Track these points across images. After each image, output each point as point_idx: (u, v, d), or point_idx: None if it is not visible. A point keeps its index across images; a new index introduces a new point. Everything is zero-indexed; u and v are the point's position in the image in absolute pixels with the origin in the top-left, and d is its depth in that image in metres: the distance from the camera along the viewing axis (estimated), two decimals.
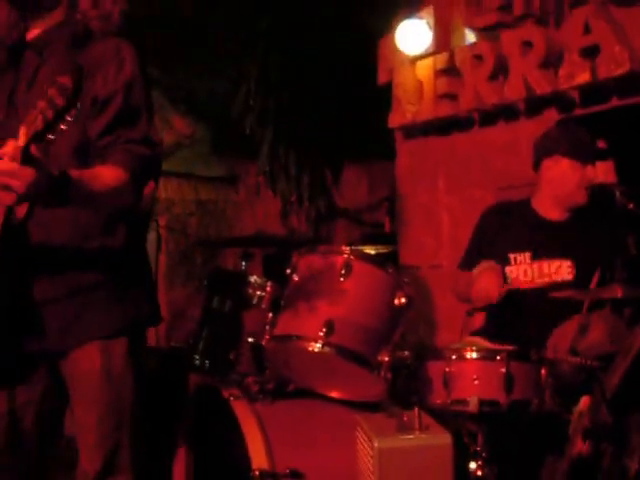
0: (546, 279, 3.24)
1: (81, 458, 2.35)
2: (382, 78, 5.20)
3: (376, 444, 2.00)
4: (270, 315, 2.77)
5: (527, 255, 3.28)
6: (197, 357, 3.16)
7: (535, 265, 3.27)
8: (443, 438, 2.11)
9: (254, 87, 6.20)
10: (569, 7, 3.97)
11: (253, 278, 3.08)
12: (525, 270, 3.28)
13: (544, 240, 3.30)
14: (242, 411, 2.76)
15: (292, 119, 6.29)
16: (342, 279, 2.61)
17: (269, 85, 6.22)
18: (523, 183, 4.07)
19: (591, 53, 3.79)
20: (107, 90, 2.22)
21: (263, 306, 2.99)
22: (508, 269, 3.29)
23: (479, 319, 3.60)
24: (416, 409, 2.14)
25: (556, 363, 2.73)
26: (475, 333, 3.40)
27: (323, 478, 2.66)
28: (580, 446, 2.52)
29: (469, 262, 3.41)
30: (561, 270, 3.24)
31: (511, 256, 3.30)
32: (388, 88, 5.11)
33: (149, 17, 5.54)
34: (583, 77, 3.80)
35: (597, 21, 3.73)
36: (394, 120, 5.05)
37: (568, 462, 2.52)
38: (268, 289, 3.02)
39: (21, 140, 1.88)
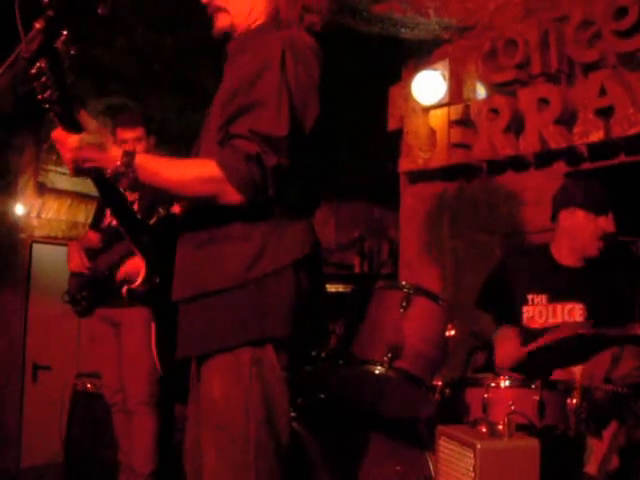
0: (559, 320, 3.46)
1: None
2: (392, 125, 5.43)
3: (479, 446, 2.27)
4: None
5: (544, 297, 3.50)
6: None
7: (550, 307, 3.49)
8: (531, 442, 2.40)
9: None
10: (581, 69, 4.28)
11: None
12: (540, 311, 3.49)
13: (560, 284, 3.51)
14: (307, 440, 3.02)
15: None
16: (402, 311, 2.87)
17: None
18: (530, 230, 4.34)
19: (604, 113, 4.08)
20: (238, 81, 2.10)
21: None
22: (525, 308, 3.51)
23: (482, 357, 3.84)
24: (506, 419, 2.39)
25: (592, 390, 2.98)
26: (479, 370, 3.64)
27: None
28: (616, 462, 2.79)
29: (485, 302, 3.65)
30: (573, 312, 3.47)
31: (529, 297, 3.51)
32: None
33: (131, 48, 5.75)
34: (597, 135, 4.10)
35: (612, 84, 4.03)
36: (404, 165, 5.26)
37: (605, 476, 2.78)
38: None
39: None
